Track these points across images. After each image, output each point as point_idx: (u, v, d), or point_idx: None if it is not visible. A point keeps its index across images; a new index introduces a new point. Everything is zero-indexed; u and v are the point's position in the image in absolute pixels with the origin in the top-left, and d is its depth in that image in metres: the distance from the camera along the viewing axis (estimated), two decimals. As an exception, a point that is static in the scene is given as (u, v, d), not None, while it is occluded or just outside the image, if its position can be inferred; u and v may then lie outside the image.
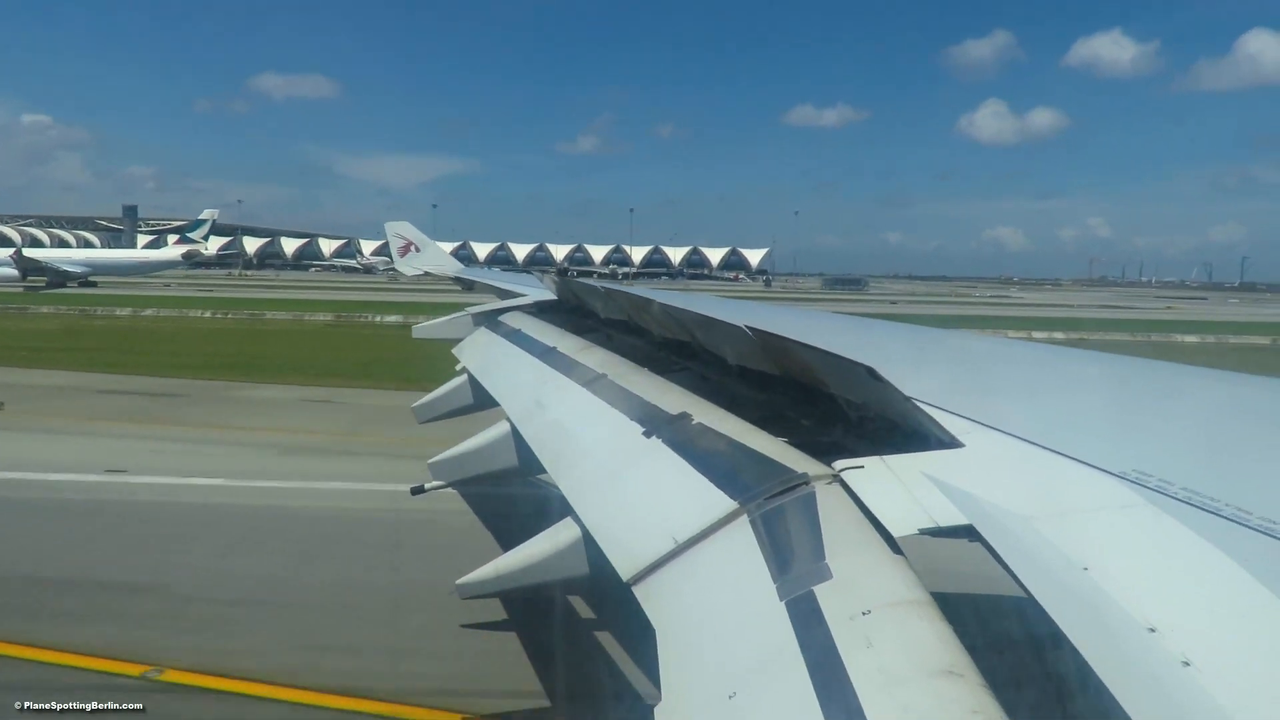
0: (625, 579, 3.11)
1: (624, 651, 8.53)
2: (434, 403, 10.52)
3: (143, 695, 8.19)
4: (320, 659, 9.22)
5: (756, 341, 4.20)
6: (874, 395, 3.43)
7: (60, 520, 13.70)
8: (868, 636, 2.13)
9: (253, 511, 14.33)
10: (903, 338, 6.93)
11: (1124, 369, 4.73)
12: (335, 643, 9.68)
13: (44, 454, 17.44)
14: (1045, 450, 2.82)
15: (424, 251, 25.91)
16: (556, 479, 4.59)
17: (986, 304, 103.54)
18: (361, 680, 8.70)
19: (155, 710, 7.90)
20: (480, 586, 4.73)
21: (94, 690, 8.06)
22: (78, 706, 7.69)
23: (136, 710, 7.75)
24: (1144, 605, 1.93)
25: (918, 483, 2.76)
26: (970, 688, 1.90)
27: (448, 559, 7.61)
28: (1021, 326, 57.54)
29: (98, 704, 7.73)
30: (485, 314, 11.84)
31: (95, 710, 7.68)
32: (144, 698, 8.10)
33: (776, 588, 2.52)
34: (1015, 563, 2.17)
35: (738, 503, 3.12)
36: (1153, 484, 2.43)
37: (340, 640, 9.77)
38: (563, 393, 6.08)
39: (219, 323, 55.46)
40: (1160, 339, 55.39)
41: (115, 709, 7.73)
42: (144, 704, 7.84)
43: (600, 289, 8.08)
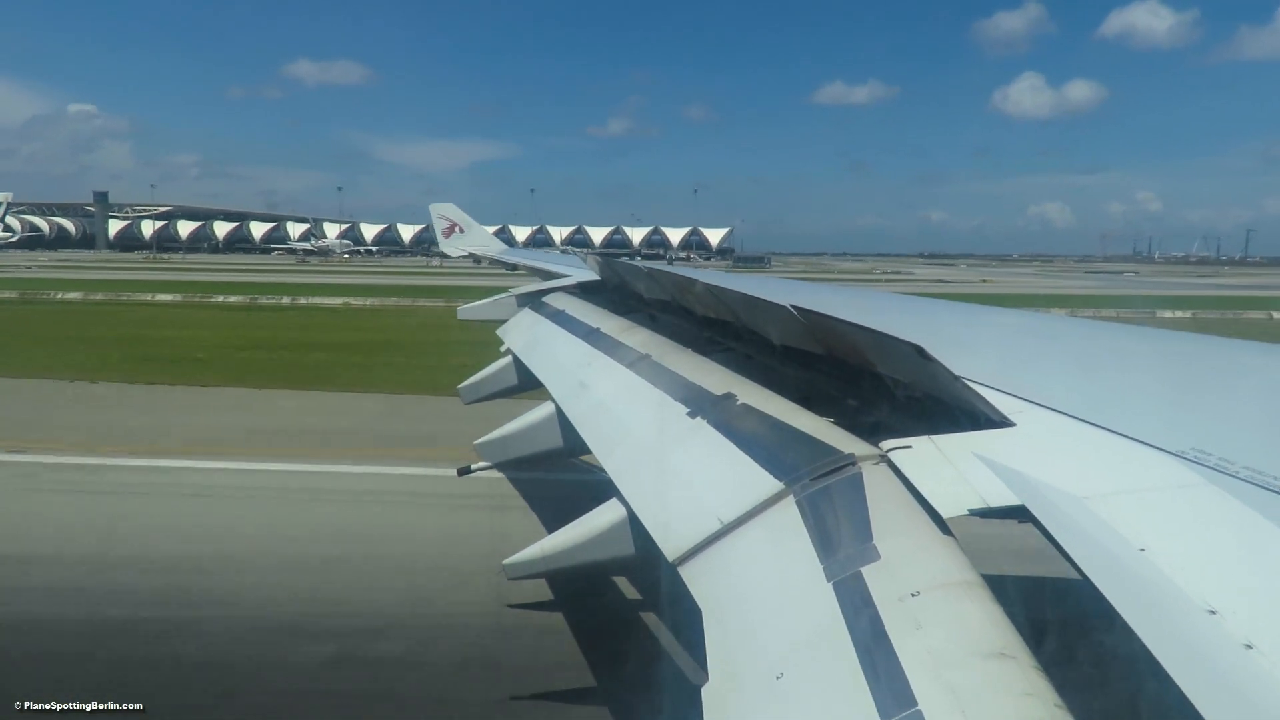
0: (671, 560, 3.12)
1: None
2: (479, 384, 10.63)
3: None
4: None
5: (801, 321, 4.16)
6: (922, 374, 3.38)
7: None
8: (917, 618, 2.10)
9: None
10: (952, 315, 6.83)
11: (1180, 345, 4.61)
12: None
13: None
14: (1099, 429, 2.76)
15: (468, 233, 26.12)
16: (601, 460, 4.60)
17: (862, 281, 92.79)
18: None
19: (156, 710, 7.91)
20: (527, 566, 4.78)
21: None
22: (78, 706, 7.69)
23: (136, 710, 7.74)
24: (1204, 587, 1.88)
25: (968, 462, 2.71)
26: (1022, 670, 1.87)
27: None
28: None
29: (98, 704, 7.73)
30: (529, 295, 11.91)
31: (95, 710, 7.68)
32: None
33: (823, 569, 2.51)
34: (1069, 543, 2.12)
35: (783, 483, 3.10)
36: (1212, 462, 2.37)
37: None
38: (606, 373, 6.09)
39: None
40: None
41: (115, 709, 7.72)
42: (144, 704, 7.82)
43: (644, 269, 8.06)
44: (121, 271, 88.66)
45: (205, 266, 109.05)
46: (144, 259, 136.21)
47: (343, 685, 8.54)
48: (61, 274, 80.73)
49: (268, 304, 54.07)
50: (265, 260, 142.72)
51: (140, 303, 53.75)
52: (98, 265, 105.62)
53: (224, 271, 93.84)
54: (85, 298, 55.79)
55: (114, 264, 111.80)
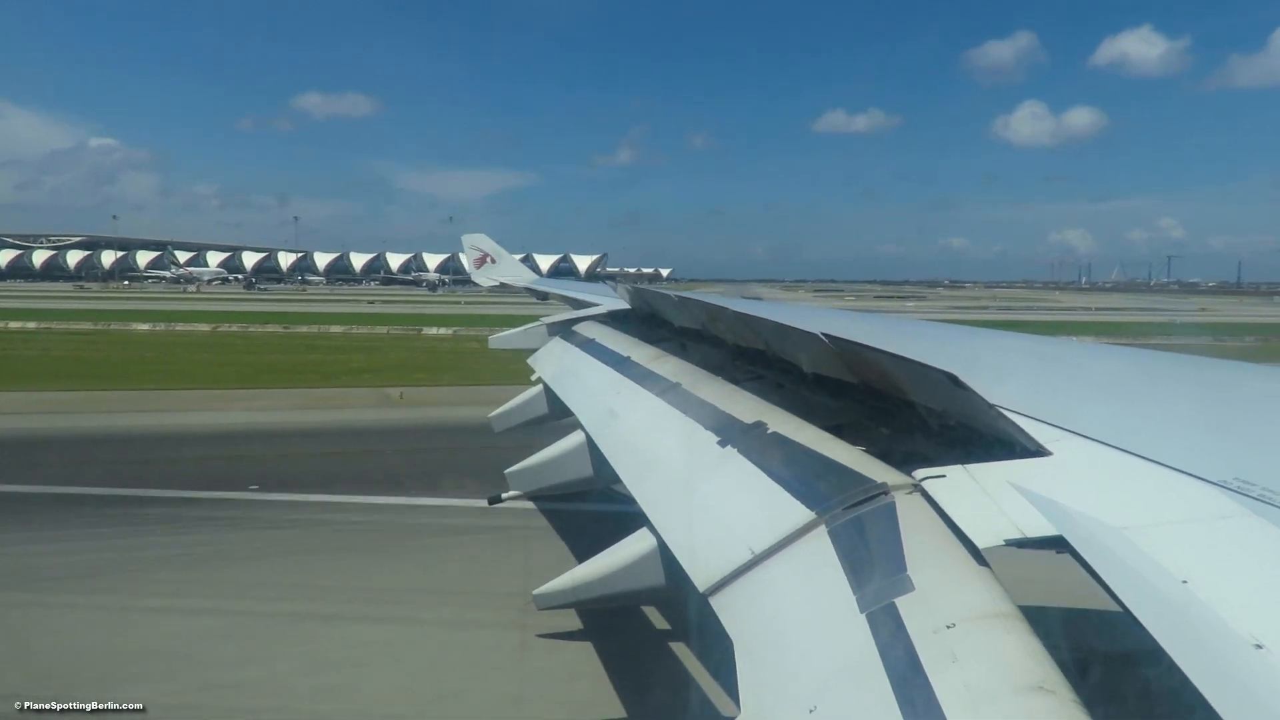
0: (702, 590, 3.09)
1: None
2: (510, 413, 10.66)
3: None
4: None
5: (833, 349, 4.14)
6: (956, 402, 3.34)
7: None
8: (953, 651, 2.07)
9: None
10: (986, 343, 6.76)
11: (1218, 372, 4.53)
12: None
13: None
14: (1138, 458, 2.71)
15: (499, 263, 26.24)
16: (631, 489, 4.59)
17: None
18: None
19: (155, 710, 7.87)
20: (557, 597, 4.75)
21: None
22: (78, 706, 7.69)
23: (137, 710, 7.74)
24: (1249, 620, 1.84)
25: (1003, 492, 2.67)
26: (1062, 705, 1.83)
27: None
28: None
29: (98, 704, 7.73)
30: (559, 324, 11.95)
31: (95, 710, 7.69)
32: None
33: (856, 600, 2.47)
34: (1109, 575, 2.08)
35: (815, 513, 3.07)
36: (1255, 493, 2.32)
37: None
38: (637, 402, 6.08)
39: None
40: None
41: (115, 709, 7.71)
42: (144, 704, 7.83)
43: (674, 298, 8.08)
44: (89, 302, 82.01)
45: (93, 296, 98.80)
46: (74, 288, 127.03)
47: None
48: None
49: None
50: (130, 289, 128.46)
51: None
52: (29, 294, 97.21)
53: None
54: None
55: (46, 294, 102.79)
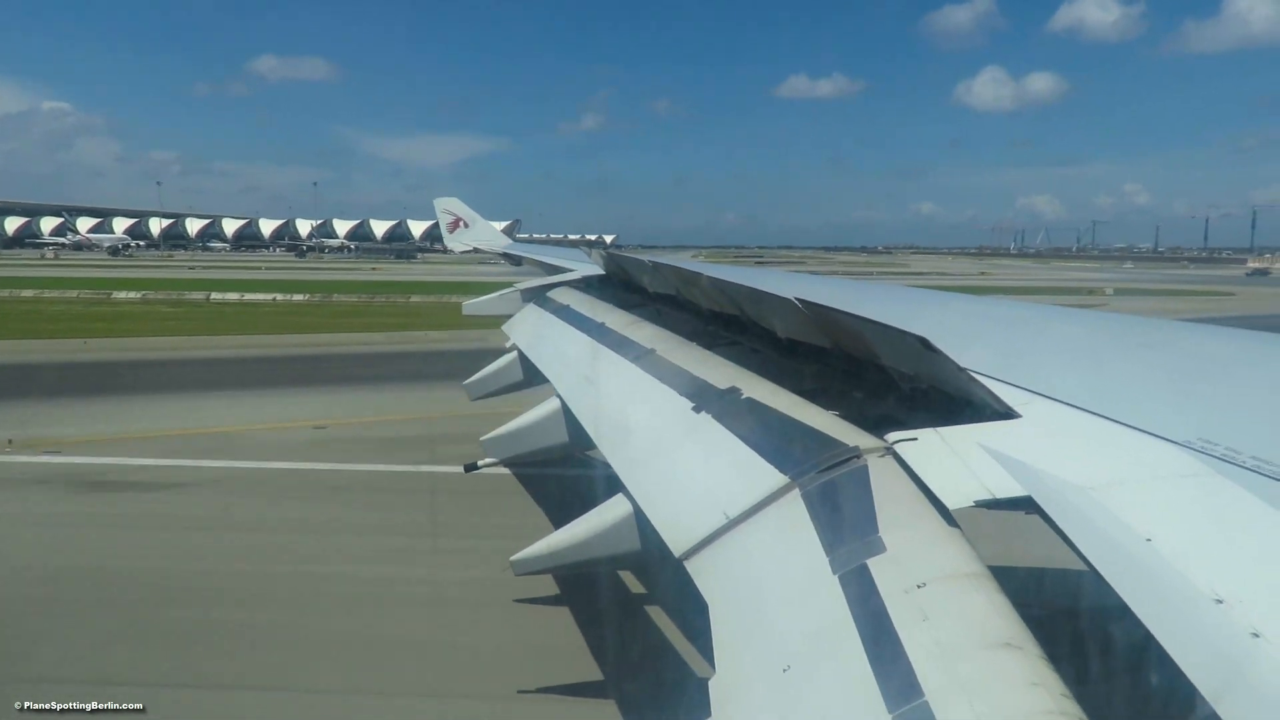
0: (677, 554, 3.12)
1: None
2: (485, 379, 10.62)
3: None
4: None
5: (806, 314, 4.15)
6: (927, 366, 3.37)
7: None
8: (923, 610, 2.11)
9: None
10: (956, 307, 6.81)
11: (1184, 335, 4.60)
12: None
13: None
14: (1104, 419, 2.76)
15: (473, 227, 25.96)
16: (607, 455, 4.60)
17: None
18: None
19: (155, 709, 7.82)
20: (534, 563, 4.77)
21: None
22: (78, 706, 7.64)
23: (136, 710, 7.69)
24: (1210, 576, 1.88)
25: (973, 454, 2.71)
26: (1029, 660, 1.87)
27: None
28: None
29: (97, 704, 7.67)
30: (533, 290, 11.89)
31: (95, 710, 7.63)
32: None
33: (829, 561, 2.51)
34: (1075, 534, 2.12)
35: (789, 477, 3.10)
36: (1219, 452, 2.36)
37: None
38: (612, 368, 6.08)
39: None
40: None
41: (115, 709, 7.66)
42: (144, 704, 7.77)
43: (648, 263, 8.05)
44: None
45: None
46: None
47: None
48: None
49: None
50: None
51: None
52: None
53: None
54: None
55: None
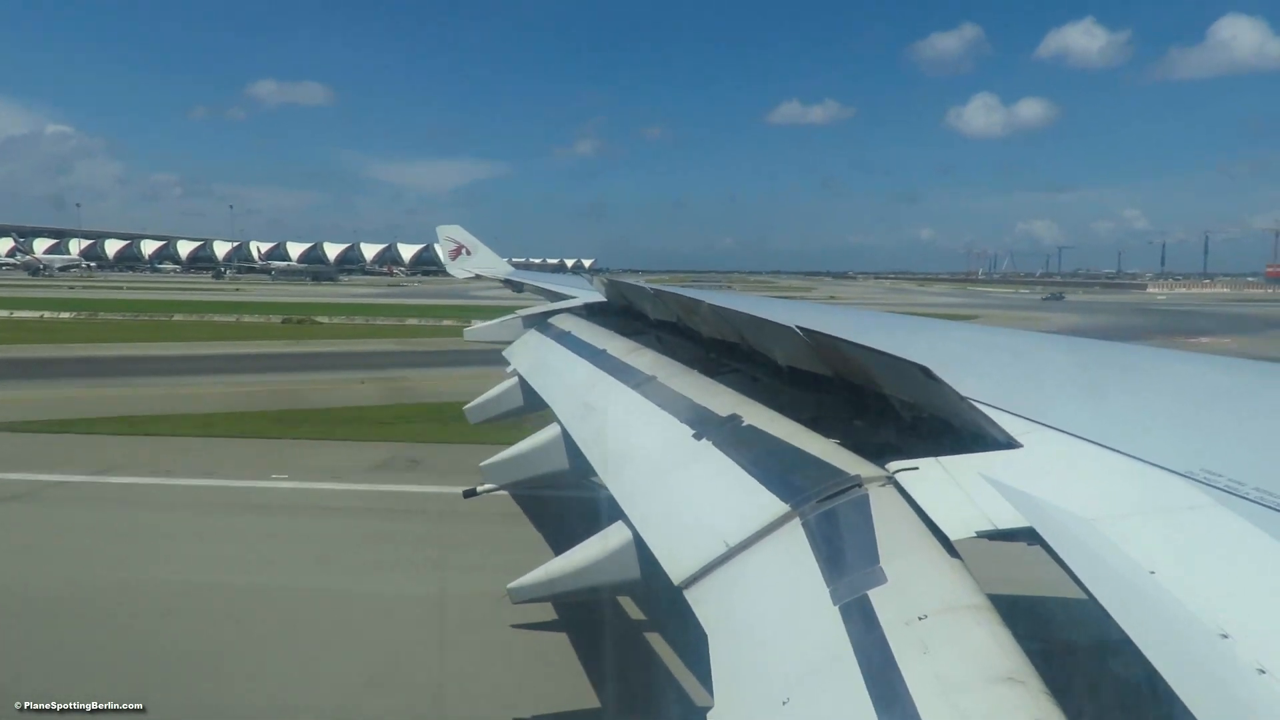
0: (677, 582, 3.10)
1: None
2: (485, 404, 10.61)
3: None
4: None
5: (807, 342, 4.15)
6: (928, 395, 3.36)
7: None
8: (924, 642, 2.08)
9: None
10: (958, 336, 6.81)
11: (1187, 365, 4.59)
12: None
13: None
14: (1107, 450, 2.74)
15: (475, 254, 26.03)
16: (607, 482, 4.58)
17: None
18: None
19: (156, 709, 7.81)
20: (532, 590, 4.74)
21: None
22: (78, 706, 7.62)
23: (136, 710, 7.67)
24: (1215, 610, 1.86)
25: (975, 484, 2.69)
26: (1031, 695, 1.85)
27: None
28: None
29: (98, 704, 7.66)
30: (535, 316, 11.92)
31: (95, 710, 7.61)
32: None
33: (830, 592, 2.48)
34: (1078, 566, 2.10)
35: (789, 505, 3.09)
36: (1222, 484, 2.35)
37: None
38: (612, 395, 6.08)
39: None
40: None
41: (115, 709, 7.64)
42: (144, 704, 7.76)
43: (650, 290, 8.07)
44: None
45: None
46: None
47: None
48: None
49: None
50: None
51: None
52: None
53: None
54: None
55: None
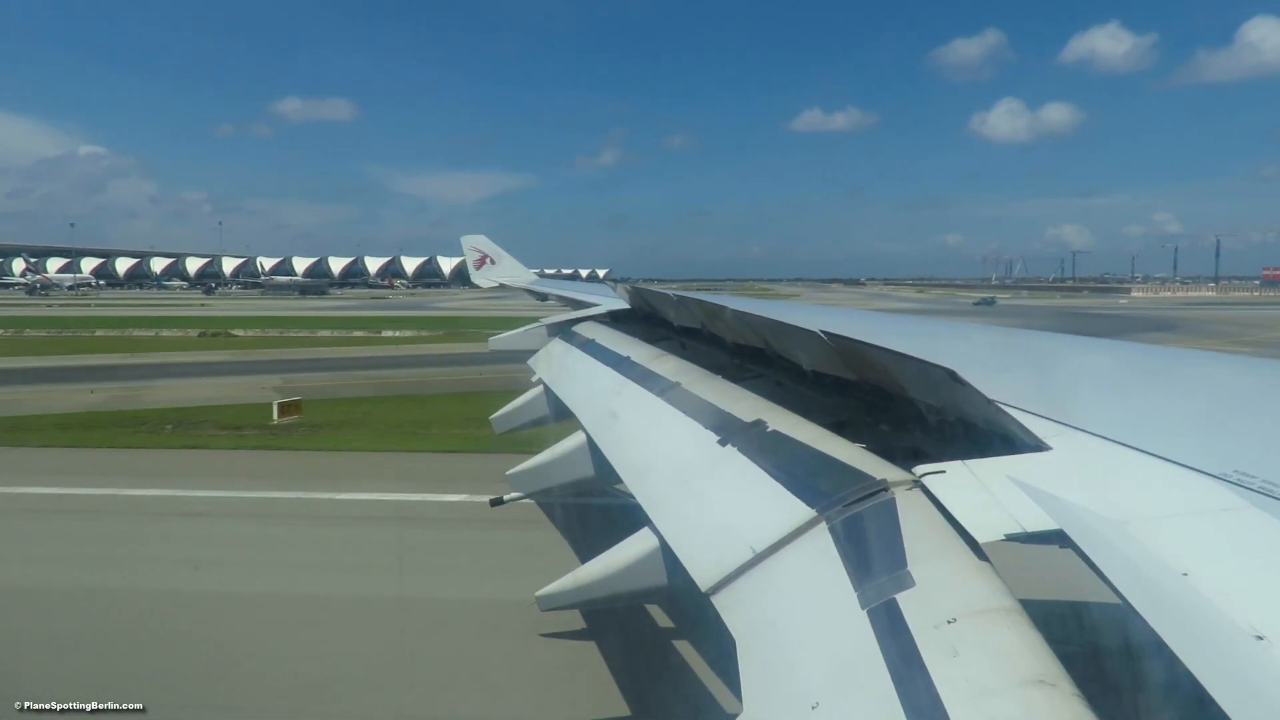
0: (704, 589, 3.10)
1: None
2: (511, 414, 10.65)
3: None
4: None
5: (832, 346, 4.14)
6: (955, 398, 3.35)
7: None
8: (953, 645, 2.07)
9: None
10: (983, 339, 6.77)
11: (1217, 365, 4.53)
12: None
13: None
14: (1138, 452, 2.72)
15: (499, 264, 26.17)
16: (633, 489, 4.59)
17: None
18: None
19: (156, 709, 7.84)
20: (560, 598, 4.75)
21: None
22: (78, 706, 7.66)
23: (136, 710, 7.70)
24: (1250, 612, 1.84)
25: (1003, 487, 2.68)
26: (1063, 698, 1.84)
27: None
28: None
29: (97, 704, 7.70)
30: (559, 325, 11.95)
31: (95, 710, 7.65)
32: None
33: (858, 596, 2.48)
34: (1109, 568, 2.08)
35: (816, 510, 3.08)
36: (1256, 485, 2.32)
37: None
38: (637, 402, 6.09)
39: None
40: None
41: (115, 709, 7.68)
42: (144, 704, 7.80)
43: (674, 297, 8.08)
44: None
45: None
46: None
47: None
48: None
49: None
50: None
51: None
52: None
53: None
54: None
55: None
